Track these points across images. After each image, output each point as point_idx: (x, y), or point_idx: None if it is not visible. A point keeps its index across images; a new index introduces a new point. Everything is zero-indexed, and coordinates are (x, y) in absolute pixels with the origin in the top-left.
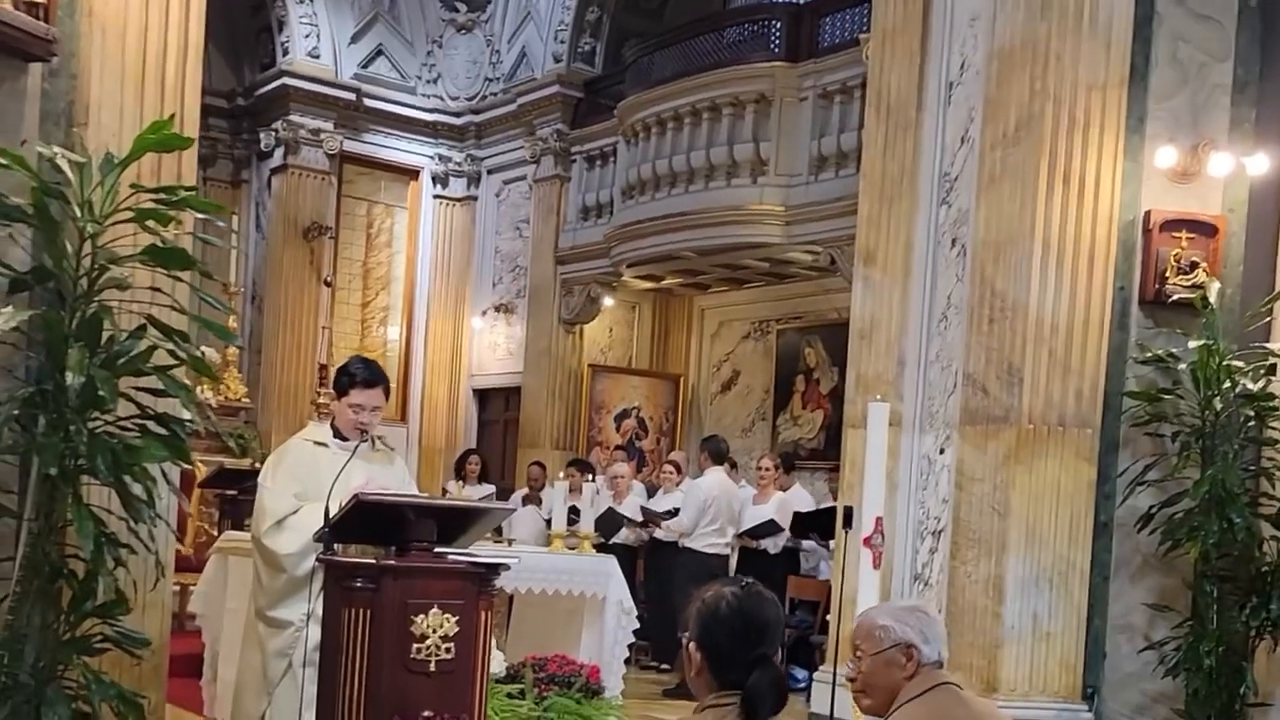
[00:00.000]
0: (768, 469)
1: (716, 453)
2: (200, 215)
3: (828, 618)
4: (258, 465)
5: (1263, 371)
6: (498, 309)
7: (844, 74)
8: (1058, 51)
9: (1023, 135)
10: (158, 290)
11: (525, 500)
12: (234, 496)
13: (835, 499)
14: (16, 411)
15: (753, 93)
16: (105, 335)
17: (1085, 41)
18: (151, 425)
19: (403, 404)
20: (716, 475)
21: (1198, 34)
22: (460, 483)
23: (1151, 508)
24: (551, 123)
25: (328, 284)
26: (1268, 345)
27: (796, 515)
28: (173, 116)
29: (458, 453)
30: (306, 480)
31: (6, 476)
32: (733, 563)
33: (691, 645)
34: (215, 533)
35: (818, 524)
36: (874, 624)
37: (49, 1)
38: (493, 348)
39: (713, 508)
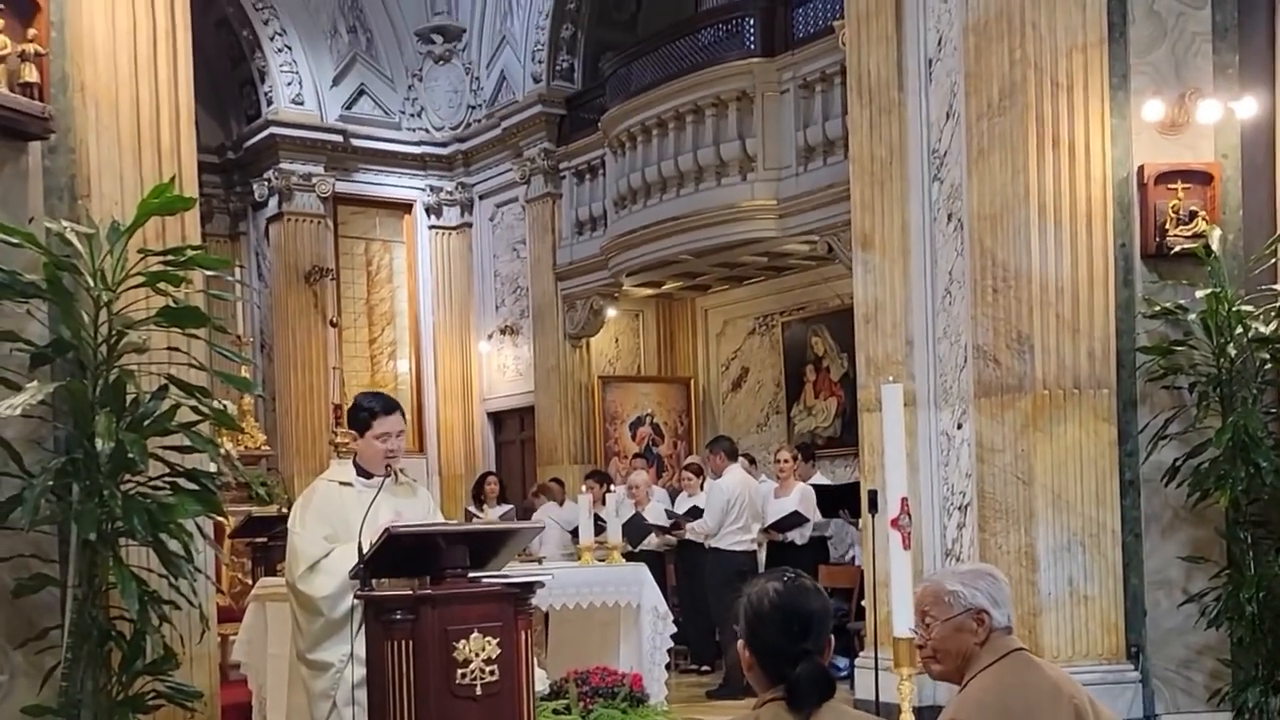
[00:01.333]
0: (786, 461)
1: (731, 450)
2: (209, 272)
3: (863, 603)
4: (284, 510)
5: (1274, 314)
6: (503, 331)
7: (822, 63)
8: (1033, 19)
9: (1007, 105)
10: (175, 350)
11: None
12: (264, 543)
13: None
14: (51, 483)
15: (733, 91)
16: (129, 398)
17: (1060, 5)
18: (182, 482)
19: (419, 434)
20: (736, 473)
21: None
22: (483, 507)
23: (1176, 460)
24: (537, 142)
25: (334, 325)
26: (1275, 287)
27: (820, 492)
28: (173, 179)
29: (476, 476)
30: (335, 521)
31: (46, 545)
32: (761, 558)
33: (740, 643)
34: (250, 581)
35: (845, 500)
36: (942, 589)
37: (42, 81)
38: (502, 370)
39: (736, 506)
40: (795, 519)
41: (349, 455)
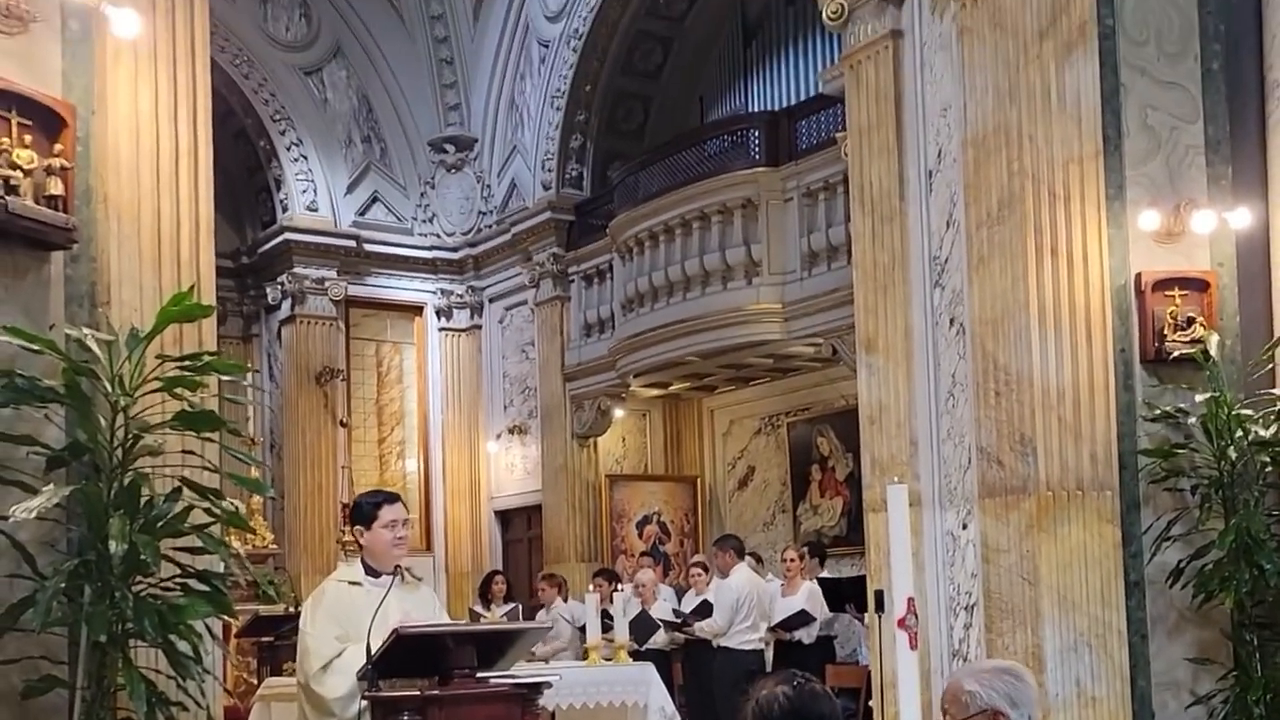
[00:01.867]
0: (793, 560)
1: (739, 549)
2: (224, 377)
3: (870, 704)
4: (292, 610)
5: (1273, 418)
6: (511, 431)
7: (825, 172)
8: (1030, 133)
9: (1006, 214)
10: (189, 452)
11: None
12: (271, 643)
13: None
14: (63, 585)
15: (739, 199)
16: (143, 500)
17: (1056, 120)
18: (193, 583)
19: (426, 533)
20: (744, 572)
21: (1165, 100)
22: (490, 605)
23: (1180, 562)
24: (547, 247)
25: (343, 425)
26: (1274, 391)
27: (826, 586)
28: (192, 288)
29: (483, 575)
30: (345, 620)
31: (56, 647)
32: (768, 657)
33: None
34: (255, 680)
35: (850, 595)
36: (961, 688)
37: (67, 193)
38: (510, 469)
39: (745, 605)
40: (802, 618)
41: (356, 555)
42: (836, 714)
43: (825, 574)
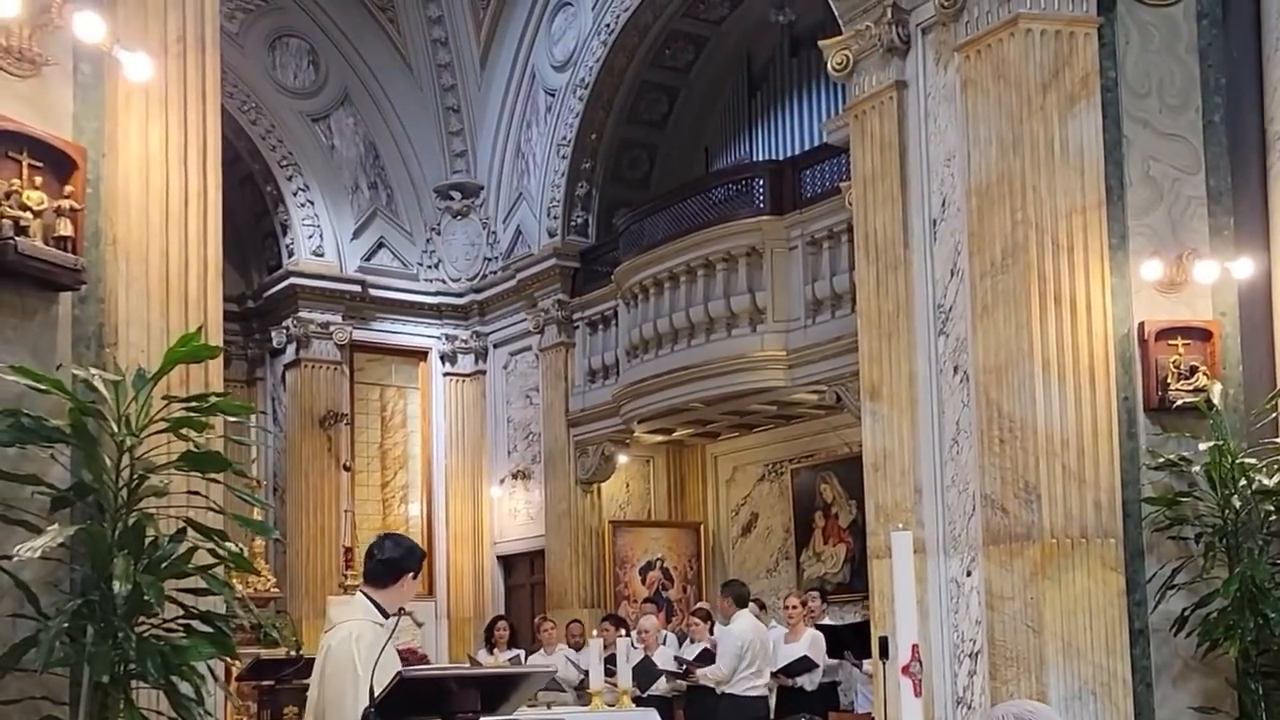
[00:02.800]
0: (795, 607)
1: (740, 596)
2: (230, 418)
3: None
4: (292, 654)
5: (1276, 467)
6: (515, 476)
7: (829, 221)
8: (1033, 183)
9: (1010, 263)
10: (195, 493)
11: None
12: (272, 686)
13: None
14: (66, 625)
15: (743, 246)
16: (148, 541)
17: (1059, 171)
18: (196, 624)
19: (429, 578)
20: (746, 619)
21: (1167, 151)
22: (494, 651)
23: (1185, 610)
24: (551, 293)
25: (347, 469)
26: (1278, 441)
27: (825, 632)
28: (200, 329)
29: (486, 621)
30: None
31: (57, 688)
32: (771, 703)
33: None
34: None
35: (850, 641)
36: None
37: (76, 235)
38: (513, 514)
39: (749, 651)
40: (805, 664)
41: (362, 593)
42: None
43: (826, 620)
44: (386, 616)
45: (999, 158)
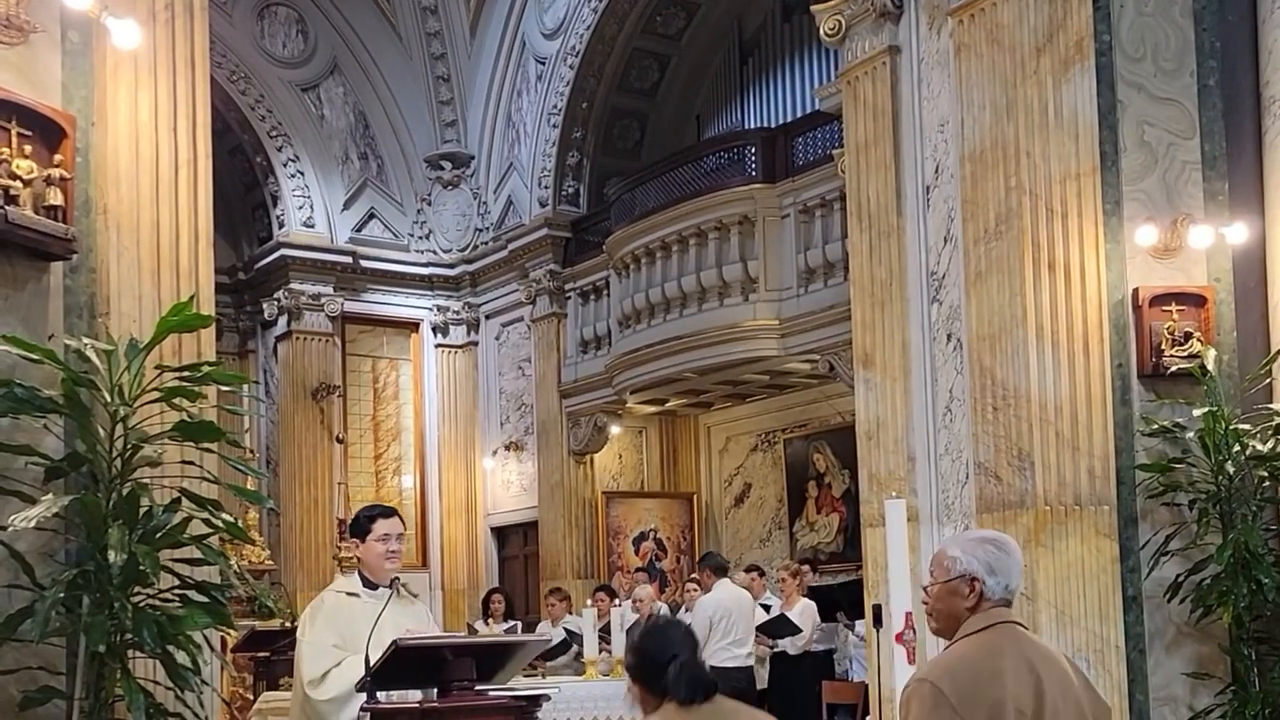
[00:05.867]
0: (784, 579)
1: (718, 566)
2: (223, 387)
3: (868, 719)
4: (288, 625)
5: (1270, 432)
6: (507, 447)
7: (821, 189)
8: (1027, 148)
9: (1003, 230)
10: (189, 463)
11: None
12: (267, 658)
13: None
14: (62, 595)
15: (735, 215)
16: (142, 511)
17: (1053, 136)
18: (191, 594)
19: (422, 549)
20: (723, 589)
21: (1162, 116)
22: (489, 622)
23: (1178, 576)
24: (543, 264)
25: (339, 441)
26: (1271, 406)
27: (817, 593)
28: (192, 298)
29: (480, 592)
30: (343, 630)
31: (53, 658)
32: (762, 674)
33: (629, 684)
34: (251, 696)
35: (843, 602)
36: (944, 553)
37: (66, 204)
38: (506, 485)
39: (723, 622)
40: (783, 625)
41: (353, 569)
42: (687, 631)
43: (816, 581)
44: (375, 587)
45: (992, 123)
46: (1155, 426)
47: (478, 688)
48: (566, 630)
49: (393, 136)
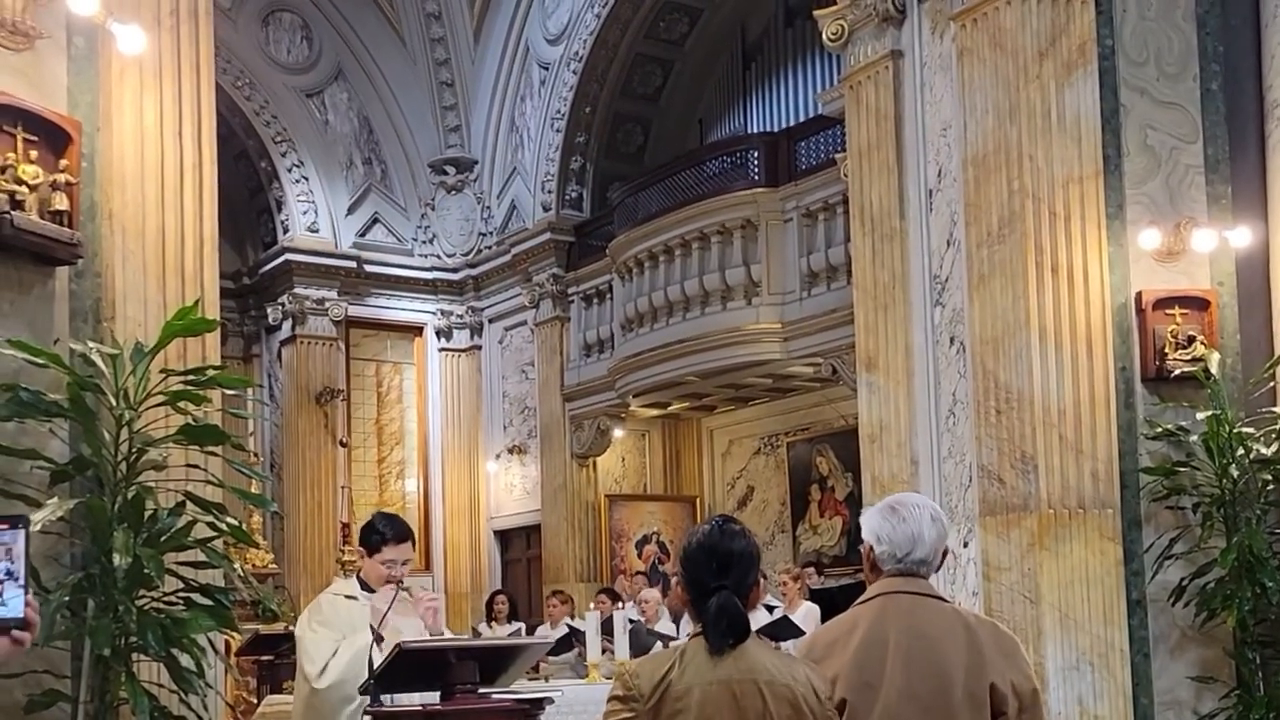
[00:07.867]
0: (785, 583)
1: None
2: (228, 391)
3: None
4: (291, 629)
5: (1275, 436)
6: (511, 451)
7: (824, 193)
8: (1030, 152)
9: (1006, 233)
10: (193, 467)
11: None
12: (271, 661)
13: None
14: (67, 598)
15: (738, 219)
16: (147, 514)
17: (1056, 139)
18: (196, 597)
19: (425, 552)
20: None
21: (1165, 120)
22: (492, 624)
23: (1182, 580)
24: (546, 268)
25: (343, 445)
26: (1275, 410)
27: (818, 596)
28: (197, 302)
29: (484, 595)
30: (342, 629)
31: (58, 661)
32: None
33: (675, 580)
34: (255, 699)
35: (844, 603)
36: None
37: (72, 209)
38: (509, 489)
39: None
40: (785, 626)
41: (354, 573)
42: (750, 551)
43: (818, 585)
44: (372, 591)
45: (995, 127)
46: (1159, 430)
47: (481, 691)
48: (569, 627)
49: (396, 141)
